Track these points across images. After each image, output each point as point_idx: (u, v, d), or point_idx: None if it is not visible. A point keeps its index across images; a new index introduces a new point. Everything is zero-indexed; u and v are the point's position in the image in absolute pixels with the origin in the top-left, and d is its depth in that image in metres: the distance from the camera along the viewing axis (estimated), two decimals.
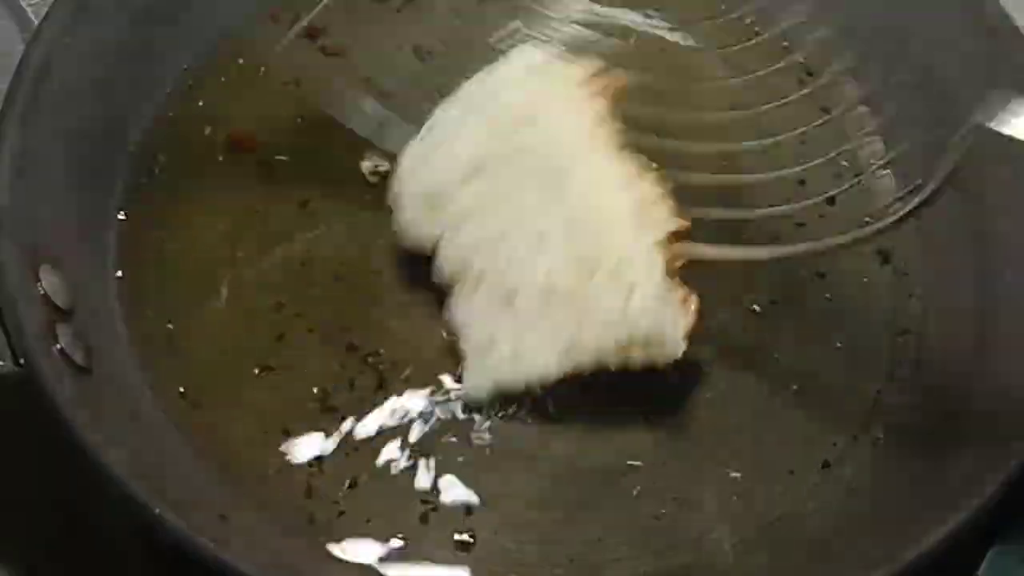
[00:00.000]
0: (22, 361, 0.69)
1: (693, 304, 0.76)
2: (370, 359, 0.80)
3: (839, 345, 0.83)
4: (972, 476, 0.72)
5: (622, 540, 0.75)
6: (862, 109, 0.89)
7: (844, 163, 0.88)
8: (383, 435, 0.78)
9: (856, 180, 0.86)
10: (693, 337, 0.76)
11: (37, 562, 0.76)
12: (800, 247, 0.80)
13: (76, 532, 0.77)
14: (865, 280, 0.86)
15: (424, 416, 0.78)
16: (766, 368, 0.82)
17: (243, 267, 0.83)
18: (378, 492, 0.76)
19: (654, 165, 0.80)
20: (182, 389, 0.78)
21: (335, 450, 0.77)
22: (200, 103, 0.90)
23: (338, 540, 0.74)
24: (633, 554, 0.75)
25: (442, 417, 0.78)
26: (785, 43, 0.91)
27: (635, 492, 0.77)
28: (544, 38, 0.87)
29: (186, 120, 0.89)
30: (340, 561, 0.73)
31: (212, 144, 0.88)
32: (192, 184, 0.87)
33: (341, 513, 0.75)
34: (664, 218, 0.77)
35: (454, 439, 0.78)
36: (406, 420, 0.78)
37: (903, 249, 0.87)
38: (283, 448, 0.77)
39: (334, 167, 0.87)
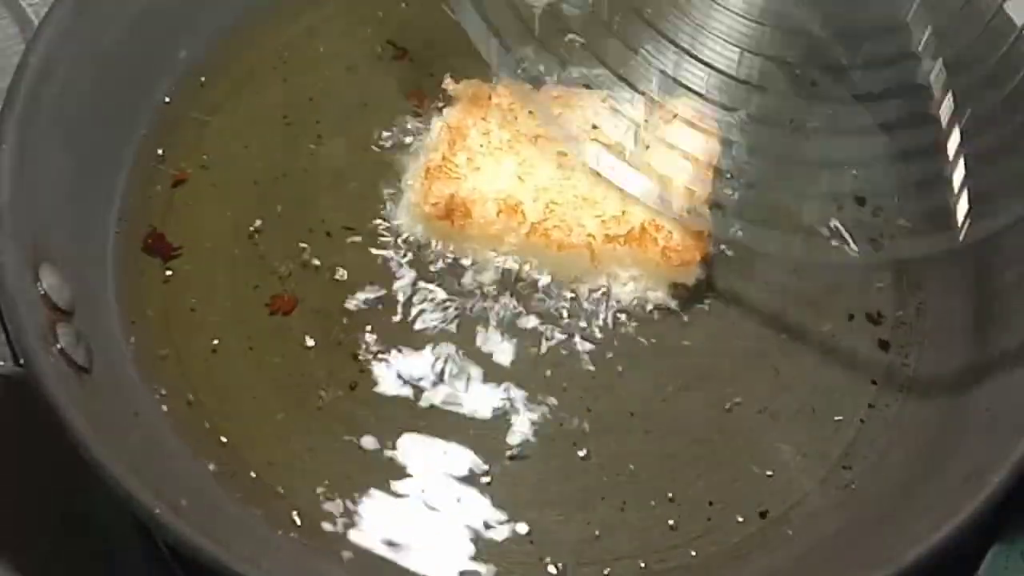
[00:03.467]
0: (22, 361, 0.69)
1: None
2: (373, 362, 0.80)
3: (840, 346, 0.84)
4: (972, 476, 0.72)
5: (621, 539, 0.75)
6: None
7: None
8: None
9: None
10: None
11: (37, 562, 0.76)
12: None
13: (76, 532, 0.77)
14: (866, 281, 0.86)
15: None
16: (766, 371, 0.82)
17: (243, 266, 0.84)
18: (379, 493, 0.76)
19: None
20: (181, 388, 0.79)
21: (334, 449, 0.77)
22: (199, 103, 0.90)
23: (336, 539, 0.74)
24: (632, 553, 0.75)
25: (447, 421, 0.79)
26: None
27: (634, 493, 0.77)
28: None
29: (185, 120, 0.89)
30: (338, 560, 0.73)
31: (211, 145, 0.89)
32: (192, 184, 0.87)
33: (340, 511, 0.75)
34: None
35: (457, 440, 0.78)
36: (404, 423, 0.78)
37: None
38: (282, 446, 0.77)
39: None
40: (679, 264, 0.82)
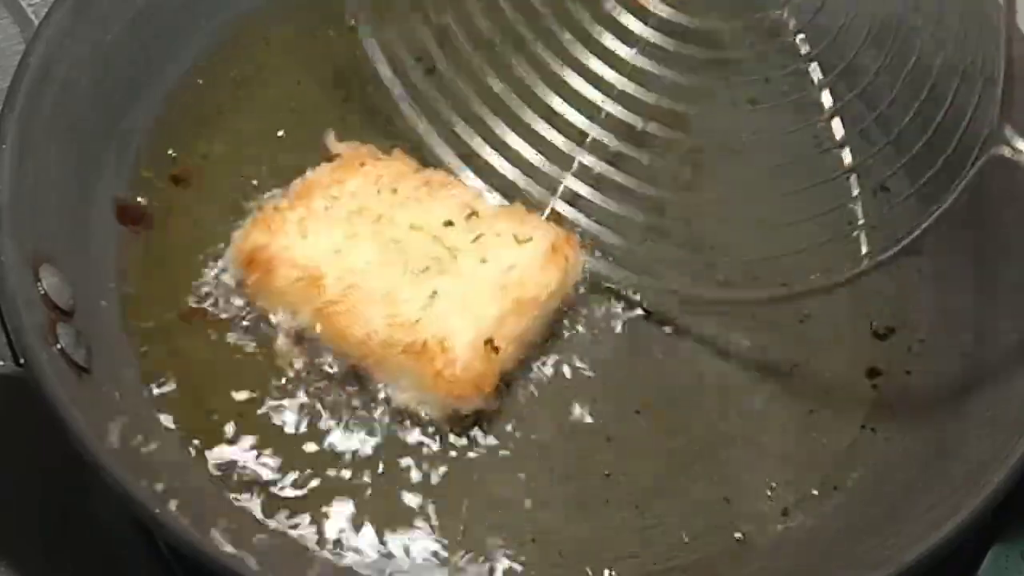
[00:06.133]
0: (22, 361, 0.69)
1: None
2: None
3: (840, 346, 0.84)
4: (972, 476, 0.72)
5: (622, 540, 0.75)
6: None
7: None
8: (380, 444, 0.78)
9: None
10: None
11: (37, 562, 0.76)
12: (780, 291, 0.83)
13: (76, 532, 0.77)
14: (865, 282, 0.86)
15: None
16: (765, 372, 0.82)
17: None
18: (378, 495, 0.76)
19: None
20: (182, 388, 0.79)
21: (337, 450, 0.77)
22: (199, 103, 0.90)
23: (337, 539, 0.74)
24: (633, 554, 0.75)
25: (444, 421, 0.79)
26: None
27: (635, 494, 0.77)
28: None
29: (185, 120, 0.89)
30: (339, 559, 0.73)
31: (212, 145, 0.89)
32: (192, 183, 0.87)
33: (340, 511, 0.75)
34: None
35: (456, 441, 0.78)
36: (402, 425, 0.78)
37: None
38: (284, 447, 0.77)
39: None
40: (452, 393, 0.76)
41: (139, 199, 0.85)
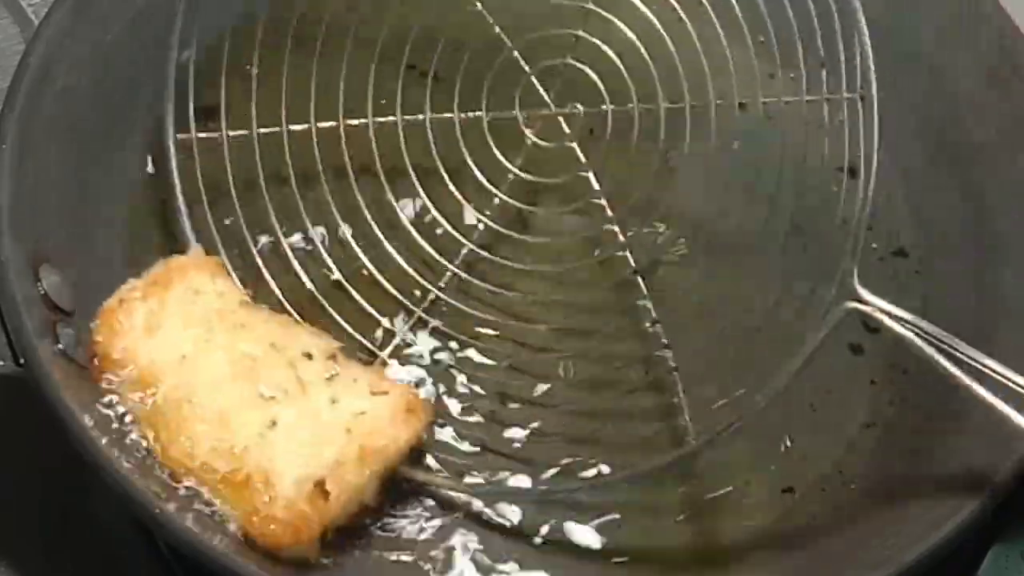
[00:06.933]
0: (22, 361, 0.69)
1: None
2: None
3: (840, 345, 0.84)
4: (973, 475, 0.72)
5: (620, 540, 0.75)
6: None
7: None
8: None
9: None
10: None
11: (37, 562, 0.76)
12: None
13: (76, 532, 0.77)
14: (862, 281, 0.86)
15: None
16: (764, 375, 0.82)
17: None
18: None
19: None
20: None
21: None
22: (200, 103, 0.90)
23: (340, 539, 0.74)
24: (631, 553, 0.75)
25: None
26: None
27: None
28: None
29: (185, 120, 0.89)
30: (341, 560, 0.73)
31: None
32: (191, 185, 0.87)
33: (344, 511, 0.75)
34: None
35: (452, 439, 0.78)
36: None
37: (903, 248, 0.88)
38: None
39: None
40: (266, 535, 0.68)
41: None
